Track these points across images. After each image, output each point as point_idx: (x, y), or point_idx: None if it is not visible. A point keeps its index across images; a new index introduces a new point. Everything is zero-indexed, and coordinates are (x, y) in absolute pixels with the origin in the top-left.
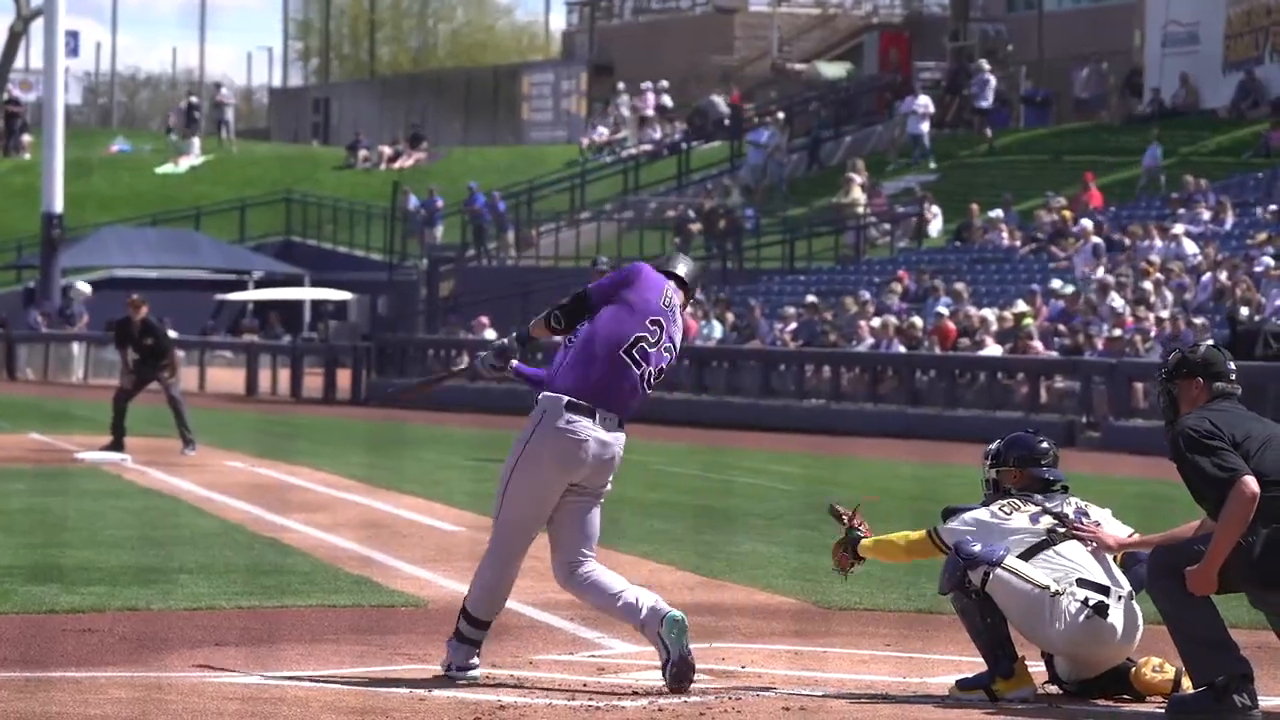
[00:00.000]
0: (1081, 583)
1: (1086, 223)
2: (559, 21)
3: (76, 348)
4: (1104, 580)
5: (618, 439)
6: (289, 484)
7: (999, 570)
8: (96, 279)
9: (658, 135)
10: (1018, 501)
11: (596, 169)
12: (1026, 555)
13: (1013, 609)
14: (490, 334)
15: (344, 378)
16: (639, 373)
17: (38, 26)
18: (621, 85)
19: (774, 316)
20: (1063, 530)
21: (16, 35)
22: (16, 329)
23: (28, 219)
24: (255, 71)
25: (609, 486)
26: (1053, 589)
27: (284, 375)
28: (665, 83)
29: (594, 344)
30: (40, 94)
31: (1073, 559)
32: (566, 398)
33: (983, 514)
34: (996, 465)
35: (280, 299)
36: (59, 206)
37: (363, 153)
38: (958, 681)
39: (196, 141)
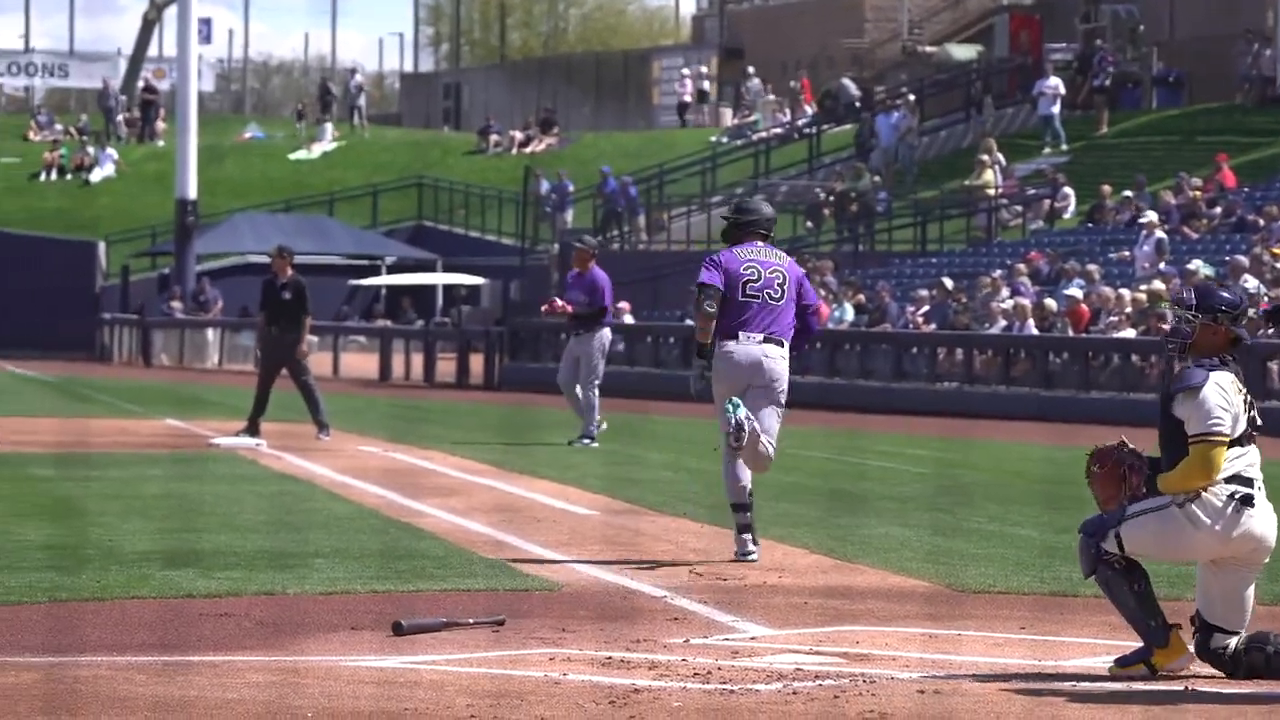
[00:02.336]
0: (1228, 479)
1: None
2: (689, 6)
3: (211, 334)
4: (1251, 473)
5: (765, 349)
6: (422, 468)
7: (1124, 523)
8: (229, 265)
9: (788, 118)
10: (1235, 379)
11: (727, 152)
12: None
13: (1151, 542)
14: (629, 319)
15: (476, 362)
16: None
17: (171, 14)
18: (752, 69)
19: (905, 300)
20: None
21: (150, 23)
22: (151, 315)
23: (162, 206)
24: (386, 57)
25: (777, 384)
26: (1181, 497)
27: (417, 360)
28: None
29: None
30: (174, 81)
31: (1248, 449)
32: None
33: (1221, 397)
34: (1206, 317)
35: (413, 284)
36: (193, 193)
37: (494, 137)
38: (1117, 660)
39: (329, 127)
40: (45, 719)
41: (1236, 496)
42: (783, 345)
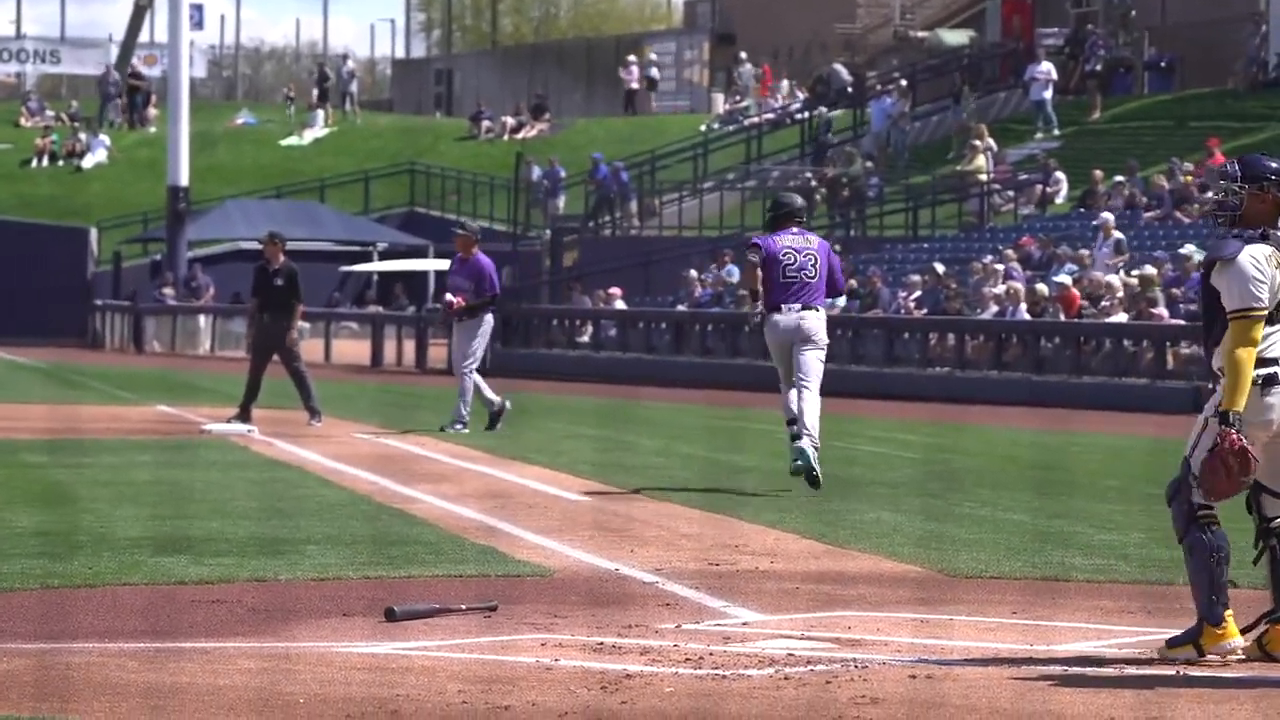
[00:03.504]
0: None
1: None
2: None
3: (203, 320)
4: (1274, 353)
5: (803, 315)
6: (414, 455)
7: (1190, 465)
8: (221, 252)
9: (779, 103)
10: (1274, 253)
11: (719, 138)
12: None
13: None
14: (620, 304)
15: None
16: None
17: (162, 1)
18: (744, 54)
19: (897, 285)
20: None
21: (142, 9)
22: (144, 302)
23: (153, 192)
24: (378, 43)
25: (816, 338)
26: (1211, 409)
27: (409, 346)
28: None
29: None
30: (165, 68)
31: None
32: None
33: (1256, 269)
34: (1253, 186)
35: (404, 270)
36: (184, 180)
37: (485, 124)
38: (1167, 641)
39: (320, 114)
40: (37, 705)
41: (1259, 381)
42: (819, 311)
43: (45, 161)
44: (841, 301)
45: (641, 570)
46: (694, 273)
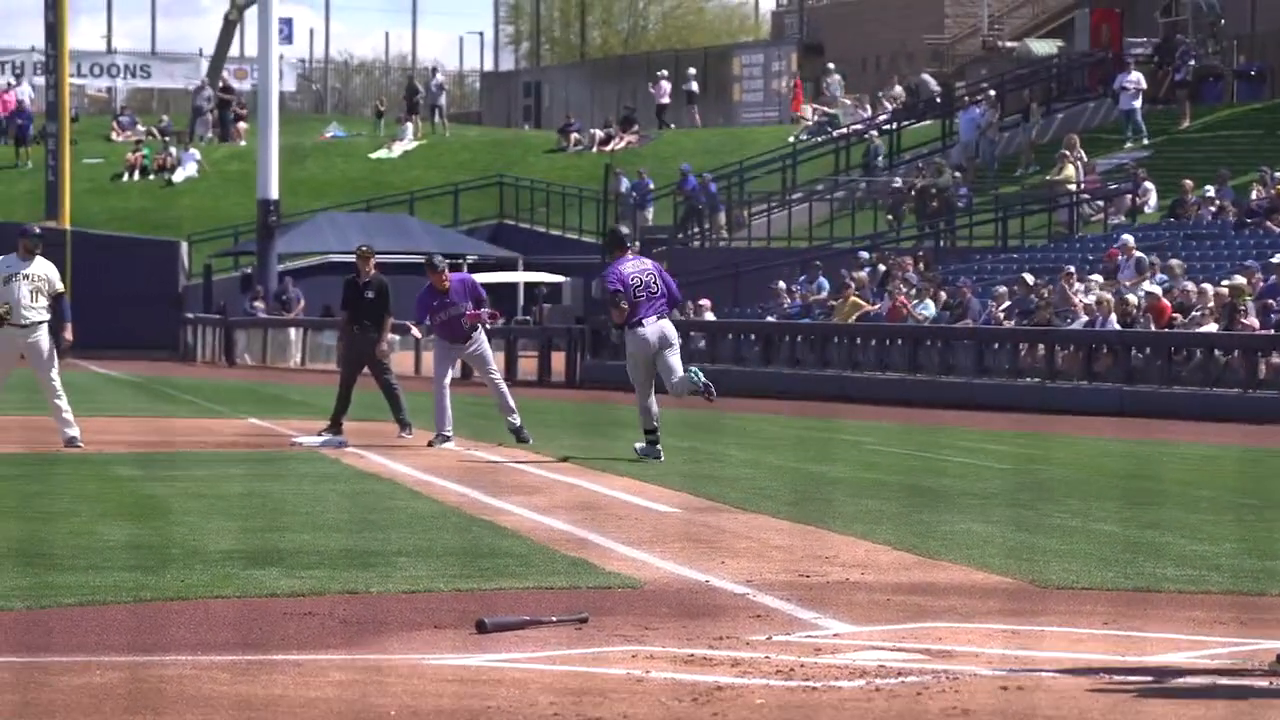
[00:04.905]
0: None
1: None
2: (768, 2)
3: (293, 333)
4: None
5: (662, 324)
6: (503, 466)
7: None
8: (311, 265)
9: (868, 114)
10: None
11: (808, 148)
12: None
13: None
14: (710, 315)
15: (558, 360)
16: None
17: (252, 15)
18: (831, 65)
19: (986, 295)
20: None
21: (231, 24)
22: (234, 315)
23: (244, 206)
24: (467, 56)
25: (673, 339)
26: None
27: (498, 358)
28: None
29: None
30: (255, 82)
31: None
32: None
33: None
34: None
35: (494, 282)
36: (274, 193)
37: (574, 136)
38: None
39: (409, 127)
40: (130, 718)
41: None
42: (666, 318)
43: (136, 175)
44: (676, 312)
45: (732, 582)
46: (781, 284)
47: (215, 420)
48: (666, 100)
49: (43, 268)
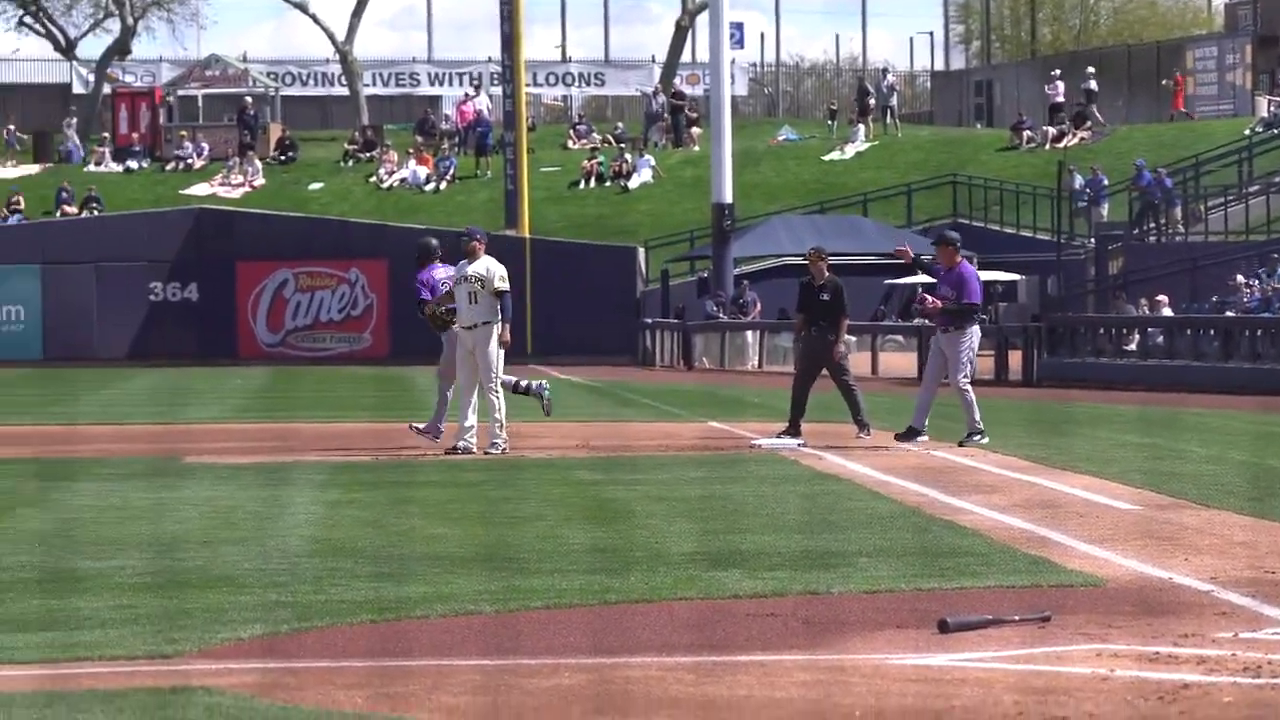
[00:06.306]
0: None
1: None
2: None
3: (750, 336)
4: None
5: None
6: (961, 465)
7: None
8: (766, 268)
9: None
10: None
11: (1263, 141)
12: None
13: None
14: (1167, 311)
15: (1015, 358)
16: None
17: (703, 20)
18: None
19: None
20: None
21: (683, 30)
22: (692, 318)
23: (698, 210)
24: (917, 56)
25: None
26: None
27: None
28: None
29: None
30: (707, 87)
31: None
32: None
33: None
34: None
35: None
36: (729, 197)
37: (1026, 133)
38: None
39: (861, 128)
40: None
41: None
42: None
43: (592, 183)
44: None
45: (1195, 579)
46: (1240, 278)
47: (674, 424)
48: (1061, 99)
49: (481, 267)
